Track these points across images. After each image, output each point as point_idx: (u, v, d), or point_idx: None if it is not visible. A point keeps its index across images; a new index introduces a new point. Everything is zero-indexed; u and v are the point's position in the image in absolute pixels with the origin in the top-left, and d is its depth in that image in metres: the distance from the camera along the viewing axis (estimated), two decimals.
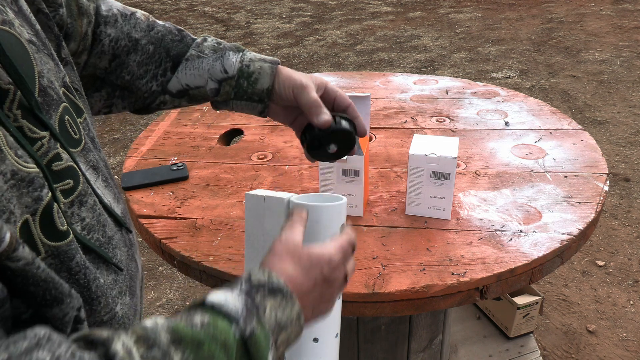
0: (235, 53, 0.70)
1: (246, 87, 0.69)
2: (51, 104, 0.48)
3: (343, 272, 0.55)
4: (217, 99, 0.71)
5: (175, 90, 0.71)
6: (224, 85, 0.69)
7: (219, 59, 0.69)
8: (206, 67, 0.69)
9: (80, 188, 0.48)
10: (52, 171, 0.46)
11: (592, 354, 1.72)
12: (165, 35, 0.71)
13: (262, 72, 0.69)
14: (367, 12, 6.14)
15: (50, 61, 0.50)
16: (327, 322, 0.63)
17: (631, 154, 2.82)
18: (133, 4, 7.21)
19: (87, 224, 0.49)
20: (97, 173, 0.54)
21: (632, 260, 2.11)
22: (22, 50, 0.46)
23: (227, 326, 0.43)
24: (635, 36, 4.58)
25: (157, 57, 0.70)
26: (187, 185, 1.13)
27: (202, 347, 0.41)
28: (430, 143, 0.96)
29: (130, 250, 0.57)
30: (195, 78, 0.70)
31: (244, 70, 0.69)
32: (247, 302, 0.46)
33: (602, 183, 1.06)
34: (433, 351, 1.30)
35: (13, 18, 0.47)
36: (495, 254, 0.87)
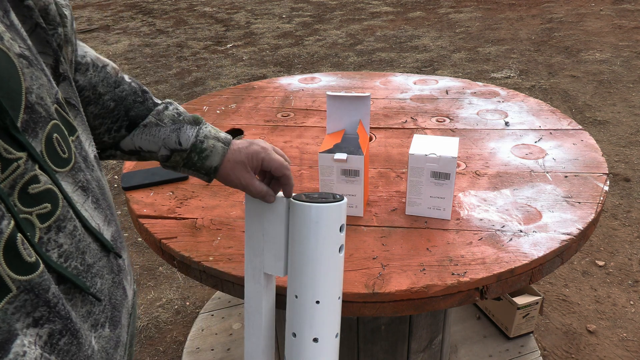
0: (193, 127, 0.73)
1: (196, 160, 0.72)
2: (38, 121, 0.46)
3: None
4: (166, 164, 0.74)
5: (127, 149, 0.73)
6: (175, 155, 0.72)
7: (175, 130, 0.72)
8: (162, 137, 0.72)
9: (58, 212, 0.46)
10: (28, 194, 0.43)
11: (592, 354, 1.72)
12: (129, 95, 0.73)
13: (214, 150, 0.72)
14: (367, 12, 6.14)
15: (43, 76, 0.49)
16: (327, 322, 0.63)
17: (631, 154, 2.82)
18: (133, 3, 7.22)
19: (64, 251, 0.46)
20: (87, 194, 0.52)
21: (632, 260, 2.11)
22: (8, 64, 0.44)
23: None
24: (635, 36, 4.58)
25: (116, 113, 0.72)
26: (187, 185, 1.13)
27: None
28: (430, 143, 0.96)
29: (117, 277, 0.55)
30: (150, 144, 0.72)
31: (197, 146, 0.72)
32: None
33: (602, 183, 1.06)
34: (433, 351, 1.30)
35: (3, 31, 0.45)
36: (495, 254, 0.87)
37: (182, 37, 5.50)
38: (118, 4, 7.30)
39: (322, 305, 0.62)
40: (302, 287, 0.62)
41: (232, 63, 4.64)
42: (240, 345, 1.71)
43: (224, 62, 4.68)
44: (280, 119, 1.43)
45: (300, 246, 0.61)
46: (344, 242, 0.64)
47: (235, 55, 4.86)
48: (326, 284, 0.62)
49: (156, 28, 5.94)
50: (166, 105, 0.75)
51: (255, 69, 4.46)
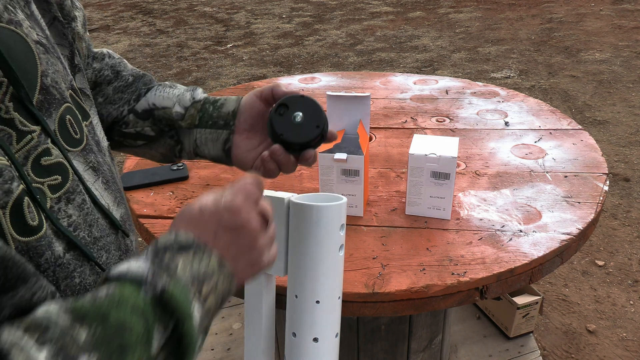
0: (204, 92, 0.73)
1: (212, 111, 0.69)
2: (52, 102, 0.49)
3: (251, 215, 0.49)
4: (181, 123, 0.69)
5: (141, 109, 0.71)
6: (190, 109, 0.70)
7: (189, 91, 0.72)
8: (176, 93, 0.71)
9: (68, 185, 0.49)
10: (41, 165, 0.46)
11: (592, 354, 1.72)
12: (147, 75, 0.75)
13: (228, 99, 0.70)
14: (367, 12, 6.14)
15: (59, 64, 0.52)
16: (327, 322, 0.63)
17: (631, 154, 2.82)
18: (133, 3, 7.22)
19: (73, 221, 0.49)
20: (97, 175, 0.54)
21: (632, 260, 2.11)
22: (26, 49, 0.47)
23: (135, 290, 0.40)
24: (635, 36, 4.58)
25: (134, 88, 0.73)
26: (187, 185, 1.13)
27: (108, 318, 0.38)
28: (430, 143, 0.96)
29: (124, 255, 0.57)
30: (164, 100, 0.71)
31: (210, 98, 0.71)
32: (154, 264, 0.43)
33: (602, 183, 1.06)
34: (433, 351, 1.30)
35: (23, 19, 0.49)
36: (495, 254, 0.87)
37: (182, 37, 5.50)
38: (118, 4, 7.30)
39: (322, 305, 0.62)
40: (302, 287, 0.62)
41: (232, 63, 4.64)
42: (240, 345, 1.71)
43: (224, 62, 4.68)
44: None
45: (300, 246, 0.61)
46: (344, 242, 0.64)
47: (235, 55, 4.86)
48: (326, 283, 0.62)
49: (156, 28, 5.94)
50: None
51: (255, 69, 4.47)
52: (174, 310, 0.41)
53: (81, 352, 0.36)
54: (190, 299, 0.42)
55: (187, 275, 0.43)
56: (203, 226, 0.47)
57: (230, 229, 0.47)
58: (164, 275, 0.42)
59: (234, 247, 0.48)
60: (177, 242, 0.45)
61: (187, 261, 0.44)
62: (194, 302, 0.42)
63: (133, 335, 0.38)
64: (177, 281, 0.42)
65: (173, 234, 0.46)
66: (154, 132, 0.71)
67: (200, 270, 0.44)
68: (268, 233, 0.51)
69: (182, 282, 0.42)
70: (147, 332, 0.39)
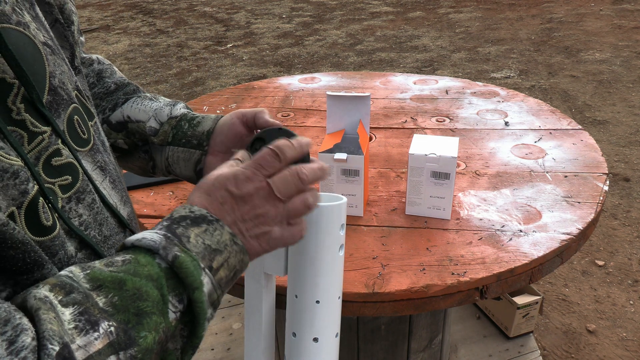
0: (186, 107, 0.69)
1: (187, 129, 0.66)
2: (60, 103, 0.49)
3: (261, 184, 0.49)
4: (154, 139, 0.67)
5: (115, 120, 0.69)
6: (165, 125, 0.67)
7: (169, 105, 0.69)
8: (154, 107, 0.68)
9: (78, 185, 0.49)
10: (52, 166, 0.47)
11: (592, 354, 1.72)
12: (131, 85, 0.72)
13: (205, 117, 0.67)
14: (367, 12, 6.14)
15: (64, 65, 0.53)
16: (327, 322, 0.63)
17: (631, 154, 2.82)
18: (133, 3, 7.22)
19: (84, 221, 0.49)
20: (105, 174, 0.54)
21: (632, 260, 2.11)
22: (34, 50, 0.48)
23: (150, 259, 0.42)
24: (635, 36, 4.58)
25: (115, 97, 0.70)
26: (187, 185, 1.13)
27: (125, 285, 0.40)
28: (430, 143, 0.96)
29: None
30: (140, 112, 0.68)
31: (188, 115, 0.68)
32: (167, 234, 0.44)
33: (602, 183, 1.06)
34: (433, 351, 1.30)
35: (29, 21, 0.49)
36: (495, 254, 0.87)
37: (182, 37, 5.50)
38: (118, 4, 7.30)
39: (322, 305, 0.62)
40: (302, 286, 0.62)
41: (232, 63, 4.64)
42: (240, 345, 1.71)
43: (224, 62, 4.68)
44: (280, 119, 1.43)
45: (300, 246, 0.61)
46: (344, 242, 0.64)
47: (235, 55, 4.86)
48: (326, 283, 0.62)
49: (156, 28, 5.94)
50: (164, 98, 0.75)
51: (255, 69, 4.47)
52: (184, 279, 0.42)
53: (101, 318, 0.37)
54: (200, 269, 0.43)
55: (198, 247, 0.44)
56: (213, 194, 0.48)
57: (236, 197, 0.48)
58: (176, 246, 0.43)
59: (239, 216, 0.48)
60: (190, 215, 0.46)
61: (200, 234, 0.45)
62: (204, 273, 0.44)
63: (149, 303, 0.40)
64: (188, 252, 0.43)
65: (187, 207, 0.47)
66: (127, 146, 0.70)
67: (212, 243, 0.45)
68: (286, 205, 0.50)
69: (193, 253, 0.44)
70: (162, 300, 0.41)
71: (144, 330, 0.39)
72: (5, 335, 0.33)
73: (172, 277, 0.42)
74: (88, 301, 0.38)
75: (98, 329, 0.37)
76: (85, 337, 0.36)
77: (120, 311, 0.39)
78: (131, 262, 0.42)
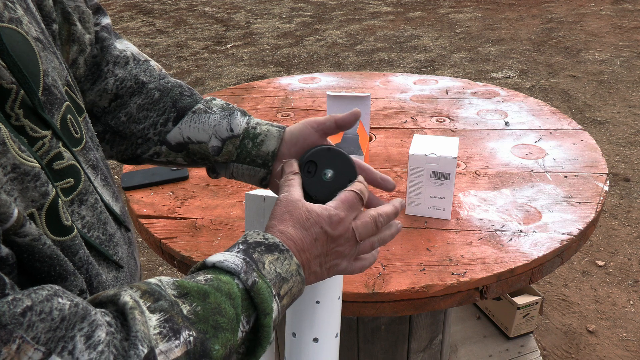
0: (243, 115, 0.66)
1: (250, 148, 0.64)
2: (54, 103, 0.48)
3: (349, 226, 0.55)
4: (217, 158, 0.65)
5: (175, 142, 0.66)
6: (228, 144, 0.64)
7: (226, 117, 0.65)
8: (212, 123, 0.65)
9: (81, 186, 0.48)
10: (53, 170, 0.46)
11: (592, 354, 1.72)
12: (175, 86, 0.68)
13: (269, 134, 0.64)
14: (367, 12, 6.14)
15: (55, 59, 0.51)
16: (327, 322, 0.63)
17: (631, 154, 2.82)
18: (133, 3, 7.22)
19: (87, 222, 0.49)
20: (96, 172, 0.54)
21: (632, 260, 2.11)
22: (28, 48, 0.46)
23: (230, 279, 0.45)
24: (635, 36, 4.58)
25: (162, 105, 0.67)
26: (187, 185, 1.13)
27: (208, 297, 0.43)
28: (430, 143, 0.96)
29: (129, 249, 0.58)
30: (199, 132, 0.65)
31: (250, 131, 0.64)
32: (246, 258, 0.48)
33: (602, 183, 1.06)
34: (433, 351, 1.30)
35: (22, 15, 0.47)
36: (495, 254, 0.87)
37: (182, 37, 5.50)
38: (118, 4, 7.30)
39: (322, 305, 0.62)
40: None
41: (232, 63, 4.64)
42: None
43: (224, 62, 4.68)
44: (281, 119, 1.43)
45: None
46: None
47: (235, 55, 4.86)
48: (326, 283, 0.62)
49: (156, 28, 5.94)
50: (213, 97, 0.70)
51: (255, 69, 4.47)
52: (258, 304, 0.46)
53: (183, 326, 0.40)
54: (272, 296, 0.47)
55: (271, 274, 0.48)
56: (310, 229, 0.53)
57: (329, 236, 0.53)
58: (254, 272, 0.47)
59: (323, 252, 0.54)
60: (264, 242, 0.50)
61: (272, 261, 0.49)
62: (275, 300, 0.48)
63: (225, 319, 0.43)
64: (264, 278, 0.47)
65: (261, 234, 0.51)
66: (186, 162, 0.69)
67: (282, 271, 0.49)
68: (359, 245, 0.56)
69: (267, 280, 0.47)
70: (236, 319, 0.44)
71: (217, 343, 0.42)
72: (82, 330, 0.36)
73: (246, 298, 0.46)
74: (173, 309, 0.40)
75: (179, 337, 0.39)
76: (167, 343, 0.39)
77: (202, 321, 0.41)
78: (213, 279, 0.45)
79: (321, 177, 0.59)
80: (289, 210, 0.53)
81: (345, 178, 0.60)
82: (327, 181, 0.59)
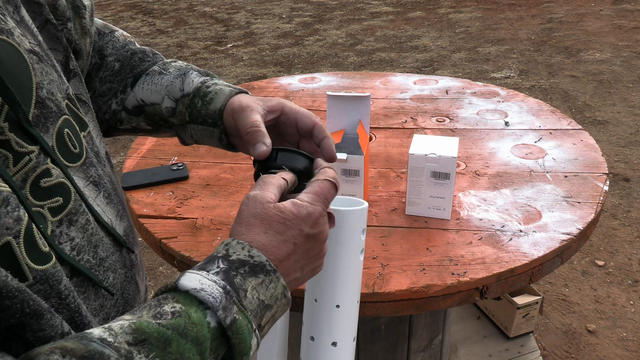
0: (200, 75, 0.64)
1: (200, 107, 0.61)
2: (49, 117, 0.46)
3: (326, 219, 0.50)
4: (173, 120, 0.64)
5: (131, 106, 0.65)
6: (179, 104, 0.62)
7: (180, 76, 0.63)
8: (165, 84, 0.63)
9: (70, 206, 0.46)
10: (40, 187, 0.43)
11: (592, 354, 1.72)
12: (136, 54, 0.67)
13: (219, 92, 0.61)
14: (367, 12, 6.14)
15: (54, 72, 0.49)
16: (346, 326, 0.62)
17: (631, 154, 2.82)
18: (133, 3, 7.22)
19: (76, 244, 0.46)
20: (99, 189, 0.51)
21: (632, 260, 2.11)
22: (19, 60, 0.44)
23: (201, 316, 0.40)
24: (635, 36, 4.58)
25: (122, 75, 0.66)
26: (187, 185, 1.13)
27: (169, 346, 0.38)
28: (430, 143, 0.96)
29: (129, 272, 0.55)
30: (152, 94, 0.64)
31: (201, 90, 0.62)
32: (226, 286, 0.42)
33: (602, 183, 1.06)
34: (433, 351, 1.30)
35: (13, 27, 0.45)
36: (495, 254, 0.87)
37: (182, 37, 5.50)
38: (118, 4, 7.30)
39: (342, 309, 0.61)
40: (322, 291, 0.61)
41: (232, 63, 4.64)
42: None
43: (224, 62, 4.69)
44: None
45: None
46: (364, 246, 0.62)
47: (235, 55, 4.86)
48: (347, 288, 0.61)
49: (156, 28, 5.94)
50: (176, 60, 0.68)
51: (255, 69, 4.47)
52: (235, 344, 0.41)
53: None
54: (252, 332, 0.43)
55: (253, 304, 0.43)
56: (285, 233, 0.47)
57: (309, 236, 0.48)
58: (234, 306, 0.42)
59: (302, 256, 0.49)
60: (249, 261, 0.45)
61: (256, 287, 0.44)
62: (254, 335, 0.43)
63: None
64: (244, 313, 0.42)
65: (247, 248, 0.45)
66: (150, 126, 0.67)
67: (266, 298, 0.44)
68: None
69: (248, 314, 0.43)
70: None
71: None
72: None
73: (218, 337, 0.41)
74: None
75: None
76: None
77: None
78: (182, 316, 0.39)
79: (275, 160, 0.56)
80: (256, 212, 0.47)
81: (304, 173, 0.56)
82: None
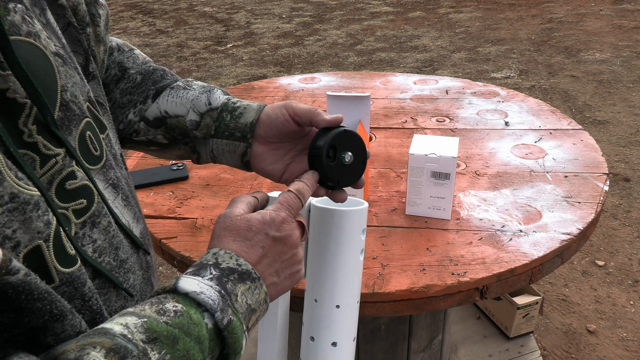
0: (224, 93, 0.66)
1: (229, 120, 0.62)
2: (72, 119, 0.46)
3: (295, 225, 0.53)
4: (196, 132, 0.64)
5: (152, 117, 0.65)
6: (206, 117, 0.63)
7: (205, 92, 0.65)
8: (190, 97, 0.64)
9: (94, 208, 0.46)
10: (65, 190, 0.44)
11: (592, 354, 1.72)
12: (157, 70, 0.68)
13: (248, 108, 0.63)
14: (367, 12, 6.14)
15: (76, 75, 0.49)
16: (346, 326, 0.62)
17: (631, 154, 2.82)
18: (133, 3, 7.22)
19: (98, 246, 0.47)
20: (117, 191, 0.52)
21: (632, 260, 2.11)
22: (45, 63, 0.45)
23: (200, 318, 0.43)
24: (635, 36, 4.58)
25: (143, 87, 0.66)
26: (187, 185, 1.13)
27: (177, 343, 0.40)
28: (430, 143, 0.96)
29: (146, 274, 0.55)
30: (177, 106, 0.64)
31: (229, 105, 0.63)
32: (221, 291, 0.45)
33: (602, 183, 1.06)
34: (433, 351, 1.30)
35: (40, 30, 0.46)
36: (495, 254, 0.87)
37: (182, 37, 5.50)
38: (118, 4, 7.30)
39: (342, 309, 0.61)
40: (322, 291, 0.61)
41: (232, 63, 4.64)
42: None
43: (224, 62, 4.69)
44: None
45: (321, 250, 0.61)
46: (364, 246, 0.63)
47: (235, 55, 4.86)
48: (347, 288, 0.61)
49: (156, 28, 5.95)
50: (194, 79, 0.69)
51: (255, 69, 4.47)
52: (230, 344, 0.44)
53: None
54: (243, 333, 0.46)
55: (243, 308, 0.46)
56: (252, 238, 0.50)
57: (276, 239, 0.51)
58: (229, 307, 0.45)
59: (274, 259, 0.51)
60: (237, 269, 0.47)
61: (244, 292, 0.47)
62: (244, 336, 0.46)
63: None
64: (237, 314, 0.45)
65: (234, 257, 0.48)
66: (167, 140, 0.66)
67: (252, 302, 0.47)
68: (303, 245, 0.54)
69: (240, 315, 0.46)
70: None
71: None
72: None
73: (214, 338, 0.43)
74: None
75: None
76: None
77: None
78: (183, 315, 0.42)
79: (341, 161, 0.59)
80: (226, 226, 0.51)
81: (359, 159, 0.60)
82: (346, 164, 0.59)
